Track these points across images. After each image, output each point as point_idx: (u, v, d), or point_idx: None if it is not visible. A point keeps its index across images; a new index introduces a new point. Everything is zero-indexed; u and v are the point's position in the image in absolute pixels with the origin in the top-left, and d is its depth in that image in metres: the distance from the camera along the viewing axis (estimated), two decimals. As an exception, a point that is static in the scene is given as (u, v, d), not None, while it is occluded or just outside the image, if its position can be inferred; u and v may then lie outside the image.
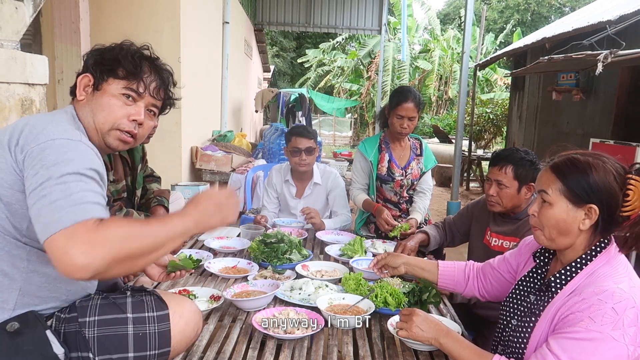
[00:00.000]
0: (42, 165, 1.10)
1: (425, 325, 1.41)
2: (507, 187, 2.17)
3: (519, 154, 2.18)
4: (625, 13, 5.24)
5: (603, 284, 1.22)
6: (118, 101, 1.35)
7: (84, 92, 1.36)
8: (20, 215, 1.17)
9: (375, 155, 2.96)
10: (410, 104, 2.80)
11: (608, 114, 6.31)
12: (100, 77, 1.35)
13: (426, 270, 1.78)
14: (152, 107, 1.43)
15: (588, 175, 1.26)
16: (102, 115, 1.34)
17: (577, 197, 1.27)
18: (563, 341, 1.19)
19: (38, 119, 1.22)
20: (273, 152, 6.12)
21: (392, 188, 2.99)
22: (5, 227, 1.18)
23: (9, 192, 1.16)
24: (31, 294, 1.22)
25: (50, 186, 1.07)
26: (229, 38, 7.05)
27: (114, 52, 1.38)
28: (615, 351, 1.14)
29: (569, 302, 1.25)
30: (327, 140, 19.79)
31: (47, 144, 1.13)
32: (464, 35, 6.34)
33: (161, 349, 1.27)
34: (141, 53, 1.42)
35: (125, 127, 1.36)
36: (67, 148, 1.14)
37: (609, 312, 1.15)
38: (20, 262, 1.21)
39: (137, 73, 1.37)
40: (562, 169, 1.30)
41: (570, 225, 1.29)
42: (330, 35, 23.03)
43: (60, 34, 4.11)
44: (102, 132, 1.35)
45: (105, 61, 1.36)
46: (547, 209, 1.32)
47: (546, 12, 27.21)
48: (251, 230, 2.62)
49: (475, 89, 10.63)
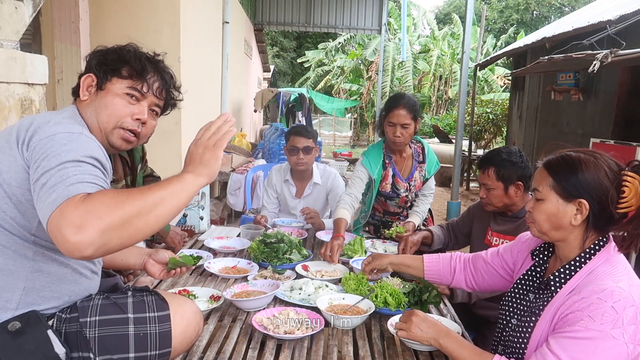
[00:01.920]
0: (43, 158, 1.11)
1: (424, 326, 1.42)
2: (493, 188, 2.22)
3: (501, 156, 2.22)
4: (626, 13, 5.24)
5: (602, 282, 1.22)
6: (122, 100, 1.37)
7: (87, 92, 1.38)
8: (30, 213, 1.18)
9: (379, 172, 2.77)
10: (402, 110, 2.60)
11: (608, 114, 6.31)
12: (104, 77, 1.37)
13: (412, 266, 1.79)
14: (154, 107, 1.45)
15: (577, 170, 1.29)
16: (105, 113, 1.36)
17: (567, 192, 1.30)
18: (563, 340, 1.19)
19: (42, 117, 1.23)
20: (273, 152, 6.13)
21: (397, 204, 2.89)
22: (13, 225, 1.19)
23: (19, 191, 1.17)
24: (34, 294, 1.23)
25: (50, 175, 1.07)
26: (229, 38, 7.04)
27: (118, 52, 1.40)
28: (615, 350, 1.14)
29: (568, 301, 1.25)
30: (327, 140, 19.78)
31: (49, 138, 1.15)
32: (463, 35, 6.35)
33: (162, 350, 1.27)
34: (145, 54, 1.44)
35: (128, 126, 1.38)
36: (68, 139, 1.15)
37: (609, 311, 1.15)
38: (26, 262, 1.21)
39: (141, 73, 1.39)
40: (553, 166, 1.34)
41: (561, 220, 1.32)
42: (330, 36, 23.02)
43: (60, 33, 4.10)
44: (106, 131, 1.36)
45: (109, 61, 1.38)
46: (539, 205, 1.36)
47: (546, 12, 27.21)
48: (251, 230, 2.62)
49: (475, 89, 10.63)
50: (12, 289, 1.20)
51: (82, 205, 0.99)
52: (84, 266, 1.34)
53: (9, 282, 1.20)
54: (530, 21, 27.26)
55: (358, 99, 20.20)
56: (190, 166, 1.20)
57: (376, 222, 2.99)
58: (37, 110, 2.18)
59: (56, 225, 0.98)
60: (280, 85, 24.42)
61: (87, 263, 1.35)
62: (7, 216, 1.18)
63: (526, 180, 2.20)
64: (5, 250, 1.19)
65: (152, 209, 1.06)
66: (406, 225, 2.65)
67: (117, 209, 1.01)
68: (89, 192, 1.04)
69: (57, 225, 0.98)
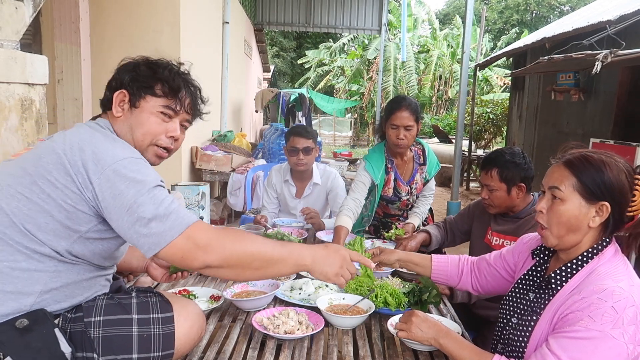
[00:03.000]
0: (123, 188, 1.19)
1: (424, 326, 1.42)
2: (495, 189, 2.20)
3: (504, 157, 2.19)
4: (625, 13, 5.24)
5: (603, 282, 1.22)
6: (157, 118, 1.39)
7: (120, 109, 1.39)
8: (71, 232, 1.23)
9: (382, 178, 2.74)
10: (405, 112, 2.57)
11: (608, 114, 6.31)
12: (137, 94, 1.38)
13: (420, 265, 1.79)
14: (185, 122, 1.48)
15: (603, 172, 1.26)
16: (140, 132, 1.38)
17: (591, 193, 1.26)
18: (563, 340, 1.19)
19: (93, 138, 1.28)
20: (273, 152, 6.13)
21: (398, 207, 2.88)
22: (48, 238, 1.21)
23: (71, 209, 1.21)
24: (49, 297, 1.24)
25: (140, 204, 1.18)
26: (229, 38, 7.05)
27: (152, 68, 1.40)
28: (614, 350, 1.14)
29: (568, 301, 1.25)
30: (327, 140, 19.79)
31: (119, 164, 1.21)
32: (463, 35, 6.34)
33: (165, 351, 1.28)
34: (177, 70, 1.44)
35: (163, 144, 1.41)
36: (138, 166, 1.24)
37: (609, 311, 1.15)
38: (48, 268, 1.23)
39: (176, 92, 1.40)
40: (577, 166, 1.29)
41: (580, 222, 1.28)
42: (330, 36, 23.01)
43: (60, 33, 4.10)
44: (141, 148, 1.38)
45: (142, 78, 1.38)
46: (558, 205, 1.30)
47: (546, 12, 27.20)
48: (251, 230, 2.62)
49: (475, 89, 10.63)
50: (30, 291, 1.21)
51: (213, 232, 1.24)
52: (102, 275, 1.36)
53: (28, 285, 1.21)
54: (530, 21, 27.25)
55: (358, 99, 20.20)
56: (317, 261, 1.37)
57: (376, 222, 2.98)
58: (38, 110, 2.18)
59: (183, 247, 1.20)
60: (280, 85, 24.41)
61: (105, 272, 1.39)
62: (48, 227, 1.21)
63: (529, 181, 2.19)
64: (32, 255, 1.21)
65: (266, 263, 1.30)
66: (406, 227, 2.64)
67: (241, 247, 1.27)
68: (197, 219, 1.24)
69: (186, 246, 1.20)
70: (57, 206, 1.20)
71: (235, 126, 8.62)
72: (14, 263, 1.19)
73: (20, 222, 1.19)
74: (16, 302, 1.19)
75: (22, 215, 1.20)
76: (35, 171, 1.22)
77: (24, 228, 1.19)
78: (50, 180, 1.20)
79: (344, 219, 2.53)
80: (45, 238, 1.20)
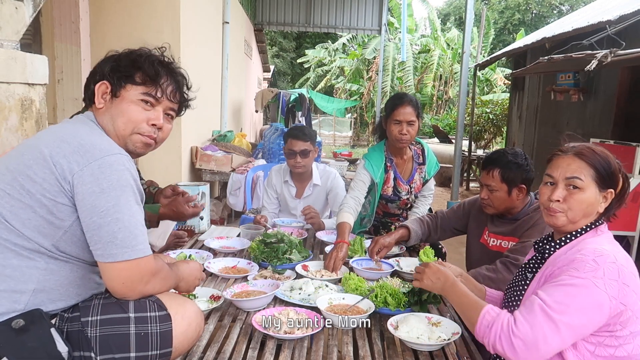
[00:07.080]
0: (103, 188, 1.20)
1: (434, 277, 1.55)
2: (496, 190, 2.18)
3: (507, 157, 2.18)
4: (625, 13, 5.23)
5: (587, 246, 1.34)
6: (137, 107, 1.38)
7: (102, 100, 1.38)
8: (57, 225, 1.23)
9: (382, 176, 2.76)
10: (408, 107, 2.61)
11: (608, 114, 6.31)
12: (118, 84, 1.37)
13: None
14: (169, 111, 1.46)
15: (609, 162, 1.38)
16: (122, 120, 1.37)
17: (604, 182, 1.38)
18: (549, 288, 1.28)
19: (77, 131, 1.28)
20: (273, 152, 6.12)
21: (397, 206, 2.89)
22: (34, 234, 1.21)
23: (50, 203, 1.21)
24: (43, 295, 1.24)
25: (116, 211, 1.21)
26: (229, 38, 7.04)
27: (131, 58, 1.40)
28: (595, 297, 1.22)
29: (556, 261, 1.36)
30: (327, 140, 19.76)
31: (103, 160, 1.22)
32: (464, 35, 6.35)
33: (163, 350, 1.28)
34: (157, 58, 1.43)
35: (145, 132, 1.40)
36: (122, 166, 1.24)
37: (590, 263, 1.26)
38: (39, 265, 1.23)
39: (154, 79, 1.39)
40: (589, 156, 1.39)
41: (595, 208, 1.40)
42: (330, 36, 23.00)
43: (60, 33, 4.10)
44: (124, 138, 1.38)
45: (122, 67, 1.38)
46: (577, 194, 1.38)
47: (546, 12, 27.19)
48: (251, 230, 2.62)
49: (475, 89, 10.63)
50: (23, 289, 1.21)
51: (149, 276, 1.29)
52: (95, 272, 1.35)
53: (20, 283, 1.21)
54: (531, 21, 27.24)
55: (358, 99, 20.19)
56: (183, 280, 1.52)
57: (376, 222, 2.98)
58: (38, 111, 2.18)
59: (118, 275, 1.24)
60: (280, 85, 24.41)
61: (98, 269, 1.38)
62: (31, 223, 1.21)
63: (529, 183, 2.18)
64: (21, 252, 1.21)
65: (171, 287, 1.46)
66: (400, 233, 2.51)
67: (162, 285, 1.37)
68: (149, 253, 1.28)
69: (119, 276, 1.24)
70: (37, 201, 1.20)
71: (235, 126, 8.62)
72: (5, 260, 1.20)
73: (5, 219, 1.20)
74: (9, 300, 1.19)
75: (6, 212, 1.20)
76: (16, 167, 1.23)
77: (10, 225, 1.20)
78: (29, 174, 1.21)
79: (346, 216, 2.53)
80: (31, 234, 1.21)
